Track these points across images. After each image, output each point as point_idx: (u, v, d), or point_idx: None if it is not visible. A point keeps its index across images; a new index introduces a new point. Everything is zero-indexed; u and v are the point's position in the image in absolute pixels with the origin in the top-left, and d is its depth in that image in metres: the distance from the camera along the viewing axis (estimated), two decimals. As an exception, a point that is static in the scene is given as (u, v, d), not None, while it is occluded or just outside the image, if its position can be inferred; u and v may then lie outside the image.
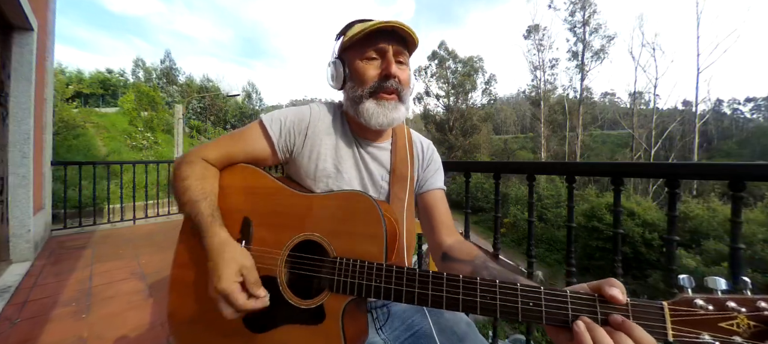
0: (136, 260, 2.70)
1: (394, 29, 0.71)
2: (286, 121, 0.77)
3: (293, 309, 0.61)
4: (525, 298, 0.46)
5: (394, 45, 0.73)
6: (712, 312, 0.41)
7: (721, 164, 1.02)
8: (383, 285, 0.55)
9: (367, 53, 0.73)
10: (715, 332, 0.40)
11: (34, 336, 1.54)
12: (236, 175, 0.75)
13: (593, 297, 0.44)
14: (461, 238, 0.77)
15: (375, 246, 0.58)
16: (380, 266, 0.56)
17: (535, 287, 0.46)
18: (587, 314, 0.44)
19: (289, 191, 0.69)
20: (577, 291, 0.45)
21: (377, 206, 0.60)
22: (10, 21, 2.47)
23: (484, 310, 0.48)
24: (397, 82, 0.73)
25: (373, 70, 0.73)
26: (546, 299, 0.45)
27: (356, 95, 0.74)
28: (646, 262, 11.65)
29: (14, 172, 2.55)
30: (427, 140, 0.92)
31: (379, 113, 0.72)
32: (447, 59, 28.08)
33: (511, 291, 0.47)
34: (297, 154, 0.78)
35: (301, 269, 0.64)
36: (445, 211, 0.82)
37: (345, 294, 0.58)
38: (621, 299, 0.42)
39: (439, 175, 0.88)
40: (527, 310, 0.46)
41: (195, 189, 0.68)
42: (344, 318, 0.58)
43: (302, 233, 0.64)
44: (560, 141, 25.32)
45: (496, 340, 1.49)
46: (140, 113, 16.84)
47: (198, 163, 0.73)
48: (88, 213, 4.12)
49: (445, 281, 0.51)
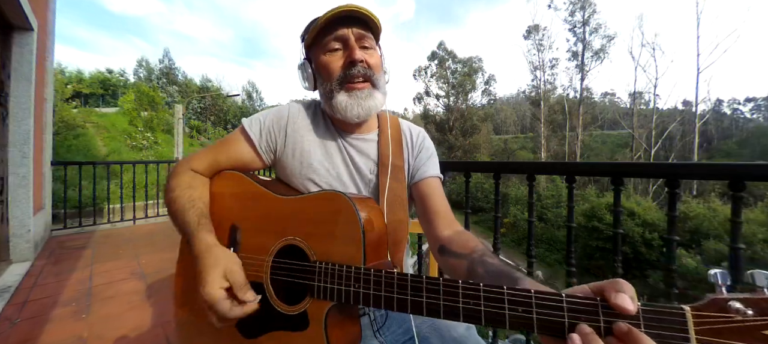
0: (136, 260, 2.70)
1: (350, 14, 0.67)
2: (265, 121, 0.76)
3: (279, 315, 0.60)
4: (513, 304, 0.41)
5: (354, 29, 0.69)
6: (753, 318, 0.31)
7: (721, 164, 1.02)
8: (362, 290, 0.52)
9: (329, 45, 0.70)
10: (759, 341, 0.31)
11: (34, 336, 1.54)
12: (222, 182, 0.75)
13: (595, 301, 0.37)
14: (460, 229, 0.71)
15: (353, 248, 0.56)
16: (358, 270, 0.53)
17: (526, 291, 0.40)
18: (587, 322, 0.37)
19: (272, 195, 0.68)
20: (575, 294, 0.39)
21: (353, 206, 0.57)
22: (10, 21, 2.47)
23: (467, 317, 0.43)
24: (365, 67, 0.70)
25: (338, 61, 0.70)
26: (538, 304, 0.39)
27: (327, 90, 0.72)
28: (646, 262, 11.65)
29: (14, 172, 2.55)
30: (417, 127, 0.87)
31: (352, 104, 0.69)
32: (447, 59, 28.10)
33: (497, 296, 0.42)
34: (281, 153, 0.77)
35: (285, 275, 0.63)
36: (442, 200, 0.76)
37: (325, 300, 0.56)
38: (630, 308, 0.34)
39: (433, 162, 0.82)
40: (515, 317, 0.40)
41: (182, 199, 0.68)
42: (328, 322, 0.56)
43: (284, 238, 0.63)
44: (560, 141, 25.32)
45: (496, 340, 1.49)
46: (140, 113, 16.84)
47: (185, 173, 0.73)
48: (88, 213, 4.11)
49: (424, 285, 0.47)
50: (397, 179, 0.76)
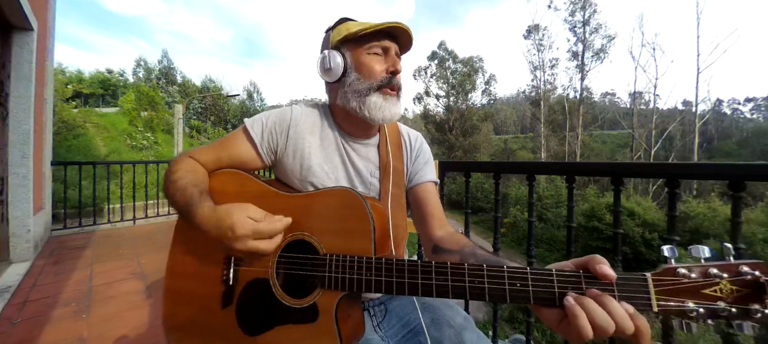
0: (136, 260, 2.70)
1: (398, 31, 0.73)
2: (267, 122, 0.77)
3: (287, 309, 0.61)
4: (512, 280, 0.48)
5: (395, 45, 0.75)
6: (694, 280, 0.42)
7: (721, 164, 1.02)
8: (374, 277, 0.55)
9: (373, 49, 0.74)
10: (699, 299, 0.42)
11: (34, 336, 1.54)
12: (224, 178, 0.75)
13: (578, 274, 0.46)
14: (452, 230, 0.76)
15: (364, 242, 0.58)
16: (369, 259, 0.56)
17: (522, 268, 0.48)
18: (573, 291, 0.45)
19: (275, 192, 0.69)
20: (562, 268, 0.47)
21: (364, 202, 0.60)
22: (10, 21, 2.47)
23: (473, 295, 0.49)
24: (400, 81, 0.76)
25: (380, 65, 0.74)
26: (533, 279, 0.47)
27: (363, 87, 0.73)
28: (646, 262, 11.64)
29: (14, 172, 2.55)
30: (415, 131, 0.91)
31: (385, 107, 0.73)
32: (447, 59, 28.06)
33: (498, 273, 0.48)
34: (281, 154, 0.78)
35: (293, 269, 0.64)
36: (436, 204, 0.81)
37: (337, 290, 0.58)
38: (612, 274, 0.44)
39: (429, 167, 0.86)
40: (515, 291, 0.47)
41: (184, 179, 0.68)
42: (338, 314, 0.58)
43: (292, 234, 0.64)
44: (560, 141, 25.30)
45: (497, 340, 1.49)
46: (140, 113, 16.83)
47: (188, 160, 0.74)
48: (88, 213, 4.12)
49: (433, 269, 0.52)
50: (398, 185, 0.80)
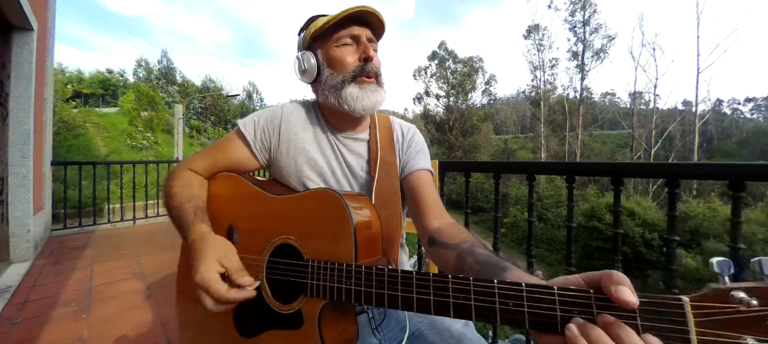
0: (136, 260, 2.70)
1: (365, 15, 0.71)
2: (259, 120, 0.78)
3: (275, 314, 0.61)
4: (503, 298, 0.39)
5: (365, 30, 0.73)
6: (758, 308, 0.29)
7: (721, 164, 1.02)
8: (353, 287, 0.52)
9: (342, 40, 0.72)
10: (764, 334, 0.28)
11: (34, 336, 1.54)
12: (219, 183, 0.76)
13: (588, 293, 0.35)
14: (450, 221, 0.71)
15: (346, 245, 0.56)
16: (349, 267, 0.53)
17: (517, 284, 0.39)
18: (580, 315, 0.35)
19: (266, 195, 0.69)
20: (567, 286, 0.37)
21: (344, 204, 0.57)
22: (10, 21, 2.47)
23: (458, 313, 0.42)
24: (375, 66, 0.74)
25: (351, 56, 0.72)
26: (529, 298, 0.38)
27: (337, 81, 0.72)
28: (646, 262, 11.64)
29: (14, 172, 2.55)
30: (408, 123, 0.89)
31: (362, 96, 0.71)
32: (447, 59, 28.05)
33: (488, 290, 0.40)
34: (275, 153, 0.78)
35: (280, 274, 0.63)
36: (431, 192, 0.76)
37: (319, 298, 0.56)
38: (633, 301, 0.32)
39: (423, 155, 0.82)
40: (506, 311, 0.39)
41: (179, 196, 0.69)
42: (322, 321, 0.56)
43: (278, 237, 0.63)
44: (560, 141, 25.30)
45: (497, 340, 1.49)
46: (140, 113, 16.83)
47: (183, 173, 0.74)
48: (88, 213, 4.12)
49: (414, 281, 0.46)
50: (389, 173, 0.77)
